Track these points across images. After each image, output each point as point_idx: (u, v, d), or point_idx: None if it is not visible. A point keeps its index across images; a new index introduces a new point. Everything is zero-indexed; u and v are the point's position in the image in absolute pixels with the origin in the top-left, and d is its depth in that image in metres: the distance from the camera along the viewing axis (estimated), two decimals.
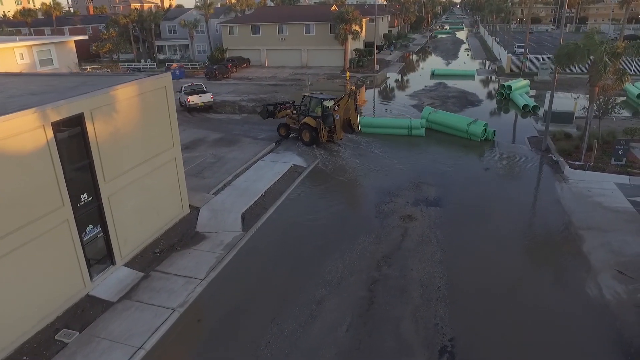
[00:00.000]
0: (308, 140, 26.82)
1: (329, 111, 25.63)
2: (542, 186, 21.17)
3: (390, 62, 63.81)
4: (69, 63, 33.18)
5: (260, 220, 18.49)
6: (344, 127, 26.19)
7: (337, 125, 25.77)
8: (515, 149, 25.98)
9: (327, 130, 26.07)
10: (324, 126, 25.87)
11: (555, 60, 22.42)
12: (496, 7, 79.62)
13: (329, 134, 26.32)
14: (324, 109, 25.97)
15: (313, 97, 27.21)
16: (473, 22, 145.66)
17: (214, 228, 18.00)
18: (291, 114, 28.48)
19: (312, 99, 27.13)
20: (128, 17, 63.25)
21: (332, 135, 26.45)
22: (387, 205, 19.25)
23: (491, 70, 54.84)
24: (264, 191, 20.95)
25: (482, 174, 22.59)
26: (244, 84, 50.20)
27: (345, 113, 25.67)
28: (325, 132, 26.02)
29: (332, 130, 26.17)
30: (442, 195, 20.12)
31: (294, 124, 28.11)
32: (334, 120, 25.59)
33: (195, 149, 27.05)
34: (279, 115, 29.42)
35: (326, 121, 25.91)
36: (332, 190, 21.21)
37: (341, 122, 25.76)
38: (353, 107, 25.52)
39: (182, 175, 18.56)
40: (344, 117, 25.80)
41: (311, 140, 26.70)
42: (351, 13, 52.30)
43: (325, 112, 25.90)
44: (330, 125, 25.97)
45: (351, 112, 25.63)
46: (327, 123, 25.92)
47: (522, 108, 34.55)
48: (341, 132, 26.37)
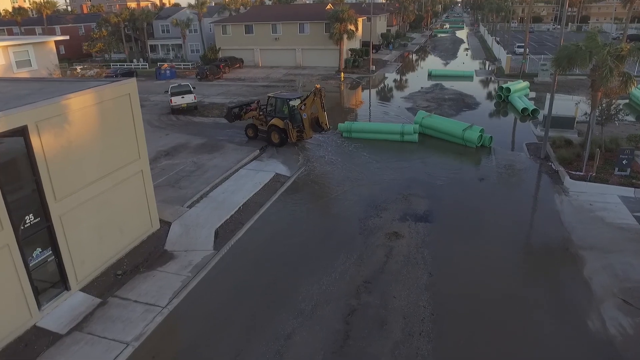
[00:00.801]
0: (277, 141, 26.44)
1: (295, 111, 25.44)
2: (540, 199, 19.76)
3: (388, 62, 62.35)
4: (49, 64, 31.81)
5: (234, 237, 17.11)
6: (313, 126, 25.73)
7: (306, 125, 25.52)
8: (512, 157, 24.56)
9: (296, 130, 25.78)
10: (293, 126, 25.71)
11: (555, 63, 20.99)
12: (496, 5, 78.05)
13: (298, 134, 25.99)
14: (290, 108, 25.73)
15: (278, 98, 26.78)
16: (473, 21, 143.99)
17: (184, 246, 16.62)
18: (257, 115, 27.95)
19: (278, 99, 26.71)
20: (119, 16, 61.84)
21: (301, 134, 26.13)
22: (373, 220, 17.85)
23: (490, 71, 53.37)
24: (242, 204, 19.57)
25: (476, 184, 21.18)
26: (235, 85, 48.82)
27: (313, 112, 25.33)
28: (294, 132, 25.81)
29: (301, 129, 25.90)
30: (433, 209, 18.71)
31: (261, 125, 27.63)
32: (302, 120, 25.40)
33: (175, 156, 25.70)
34: (246, 117, 28.81)
35: (294, 121, 25.78)
36: (315, 203, 19.82)
37: (309, 121, 25.40)
38: (320, 105, 24.94)
39: (151, 188, 17.21)
40: (312, 116, 25.43)
41: (281, 142, 26.37)
42: (346, 12, 50.85)
43: (292, 112, 25.73)
44: (299, 125, 25.77)
45: (319, 110, 25.13)
46: (295, 123, 25.79)
47: (521, 112, 33.11)
48: (310, 131, 25.93)
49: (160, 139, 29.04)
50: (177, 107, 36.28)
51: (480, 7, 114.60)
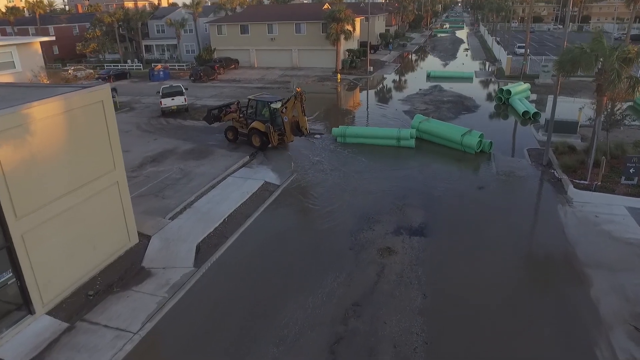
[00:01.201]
0: (258, 145, 25.98)
1: (277, 114, 25.02)
2: (543, 210, 18.68)
3: (386, 62, 61.29)
4: (34, 66, 30.74)
5: (217, 252, 16.05)
6: (293, 130, 25.25)
7: (286, 128, 25.05)
8: (513, 164, 23.48)
9: (277, 134, 25.34)
10: (274, 129, 25.18)
11: (558, 67, 19.92)
12: (496, 5, 76.96)
13: (279, 137, 25.58)
14: (271, 111, 25.26)
15: (259, 100, 26.27)
16: (473, 20, 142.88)
17: (163, 262, 15.56)
18: (238, 117, 27.31)
19: (259, 102, 26.23)
20: (113, 16, 60.78)
21: (282, 138, 25.73)
22: (365, 234, 16.79)
23: (490, 72, 52.29)
24: (228, 215, 18.51)
25: (475, 193, 20.11)
26: (229, 86, 47.76)
27: (295, 115, 24.80)
28: (275, 135, 25.31)
29: (282, 133, 25.49)
30: (429, 221, 17.64)
31: (241, 128, 27.06)
32: (283, 123, 24.94)
33: (162, 163, 24.64)
34: (225, 119, 28.21)
35: (275, 124, 25.29)
36: (304, 214, 18.76)
37: (290, 124, 24.92)
38: (300, 109, 24.45)
39: (128, 200, 16.14)
40: (293, 120, 24.88)
41: (262, 145, 25.89)
42: (343, 12, 49.80)
43: (274, 115, 25.28)
44: (280, 128, 25.31)
45: (299, 114, 24.62)
46: (276, 126, 25.30)
47: (522, 115, 32.04)
48: (291, 135, 25.51)
49: (148, 144, 28.00)
50: (167, 109, 35.31)
51: (480, 7, 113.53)
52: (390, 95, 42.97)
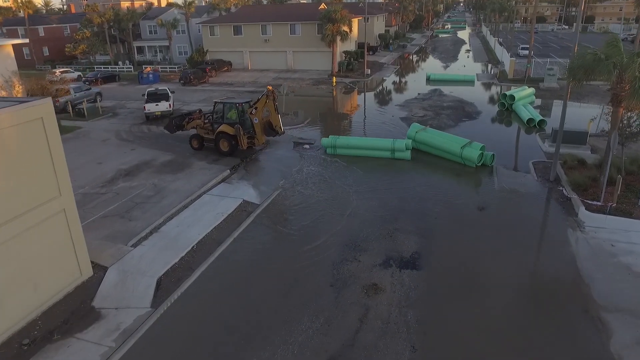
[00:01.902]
0: (227, 149, 24.82)
1: (246, 115, 24.36)
2: (551, 236, 16.61)
3: (384, 64, 59.26)
4: (4, 70, 28.81)
5: (179, 289, 14.04)
6: (266, 130, 24.83)
7: (257, 130, 24.40)
8: (517, 179, 21.43)
9: (246, 136, 24.37)
10: (243, 132, 24.14)
11: (569, 75, 17.87)
12: (499, 5, 74.81)
13: (249, 140, 24.68)
14: (240, 113, 24.53)
15: (226, 103, 25.28)
16: (475, 21, 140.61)
17: (116, 301, 13.57)
18: (202, 123, 25.98)
19: (225, 104, 25.16)
20: (103, 16, 58.85)
21: (252, 140, 24.91)
22: (349, 267, 14.77)
23: (493, 74, 50.17)
24: (197, 242, 16.52)
25: (475, 216, 18.06)
26: (220, 90, 45.76)
27: (265, 116, 24.47)
28: (244, 138, 24.26)
29: (252, 135, 24.71)
30: (422, 250, 15.61)
31: (207, 134, 25.77)
32: (253, 125, 24.26)
33: (135, 177, 22.67)
34: (189, 127, 26.64)
35: (245, 126, 24.37)
36: (282, 241, 16.72)
37: (261, 125, 24.38)
38: (273, 108, 24.07)
39: (78, 229, 14.18)
40: (265, 120, 24.52)
41: (230, 150, 24.72)
42: (339, 12, 47.76)
43: (243, 117, 24.49)
44: (250, 131, 24.56)
45: (272, 113, 24.26)
46: (245, 128, 24.40)
47: (527, 122, 29.98)
48: (262, 137, 24.89)
49: (125, 155, 26.03)
50: (150, 114, 33.41)
51: (482, 7, 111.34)
52: (388, 99, 40.92)
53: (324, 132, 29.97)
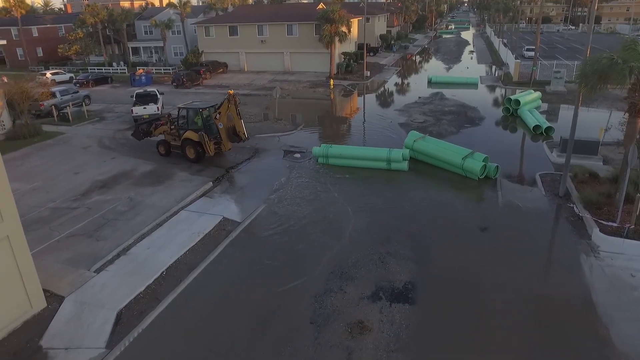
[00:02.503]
0: (194, 157, 23.90)
1: (211, 121, 23.56)
2: (561, 263, 14.84)
3: (385, 66, 57.54)
4: None
5: (140, 324, 12.41)
6: (230, 136, 23.99)
7: (223, 135, 23.70)
8: (523, 194, 19.69)
9: (213, 142, 23.50)
10: (209, 138, 23.27)
11: (581, 81, 16.15)
12: (503, 5, 72.93)
13: (216, 146, 23.80)
14: (204, 119, 23.58)
15: (190, 108, 24.19)
16: (480, 21, 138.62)
17: (68, 339, 11.94)
18: (169, 129, 24.96)
19: (190, 109, 24.12)
20: (96, 16, 57.36)
21: (219, 146, 24.06)
22: (333, 299, 13.09)
23: (497, 77, 48.36)
24: (167, 267, 14.89)
25: (477, 237, 16.34)
26: (213, 93, 44.15)
27: (229, 121, 23.58)
28: (211, 144, 23.41)
29: (218, 141, 23.89)
30: (417, 279, 13.92)
31: (174, 141, 24.82)
32: (218, 130, 23.50)
33: (112, 189, 21.10)
34: (156, 133, 25.56)
35: (210, 132, 23.57)
36: (260, 267, 15.03)
37: (226, 131, 23.65)
38: (235, 112, 23.07)
39: (27, 257, 12.56)
40: (228, 125, 23.61)
41: (197, 157, 23.83)
42: (337, 12, 46.05)
43: (207, 123, 23.62)
44: (216, 136, 23.72)
45: (235, 118, 23.27)
46: (211, 134, 23.58)
47: (533, 129, 28.22)
48: (228, 142, 24.17)
49: (103, 164, 24.46)
50: (137, 118, 31.89)
51: (486, 7, 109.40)
52: (386, 103, 39.19)
53: (317, 139, 28.30)
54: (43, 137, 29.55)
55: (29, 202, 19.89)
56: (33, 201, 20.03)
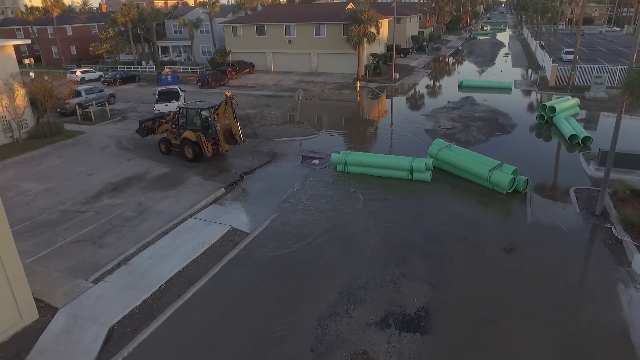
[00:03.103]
0: (192, 156, 24.04)
1: (210, 122, 23.68)
2: (594, 292, 13.31)
3: (415, 68, 55.91)
4: (7, 71, 27.53)
5: (130, 343, 11.69)
6: (227, 138, 23.73)
7: (220, 137, 23.69)
8: (555, 211, 18.11)
9: (211, 143, 23.69)
10: (206, 139, 23.49)
11: (625, 89, 14.55)
12: (542, 6, 69.91)
13: (214, 147, 23.97)
14: (203, 120, 23.67)
15: (190, 108, 24.34)
16: (517, 22, 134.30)
17: (55, 356, 11.33)
18: (171, 128, 25.19)
19: (189, 110, 24.27)
20: (127, 16, 57.97)
21: (217, 147, 24.19)
22: (338, 325, 12.04)
23: (532, 81, 46.10)
24: (167, 280, 14.17)
25: (501, 260, 14.96)
26: (236, 93, 43.15)
27: (226, 123, 23.30)
28: (209, 145, 23.60)
29: (216, 142, 24.04)
30: (431, 305, 12.71)
31: (175, 140, 25.00)
32: (216, 131, 23.58)
33: (122, 192, 20.65)
34: (159, 131, 26.11)
35: (208, 133, 23.75)
36: (264, 283, 14.11)
37: (223, 132, 23.52)
38: (232, 115, 22.85)
39: (17, 268, 12.02)
40: (226, 127, 23.35)
41: (195, 156, 23.96)
42: (365, 12, 44.83)
43: (205, 123, 23.74)
44: (214, 137, 23.85)
45: (231, 121, 23.03)
46: (209, 135, 23.77)
47: (569, 139, 26.35)
48: (225, 144, 24.10)
49: (118, 166, 24.11)
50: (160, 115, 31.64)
51: (524, 8, 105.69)
52: (413, 108, 37.76)
53: (340, 143, 27.24)
54: (64, 136, 29.58)
55: (39, 204, 19.63)
56: (44, 203, 19.75)
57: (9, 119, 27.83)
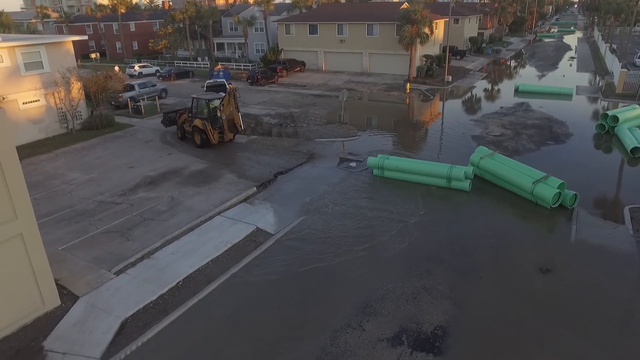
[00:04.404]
0: (199, 143, 26.26)
1: (215, 112, 25.51)
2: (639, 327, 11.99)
3: (470, 71, 53.82)
4: (65, 66, 29.04)
5: (140, 338, 11.79)
6: (230, 127, 25.88)
7: (225, 126, 25.73)
8: (604, 231, 16.59)
9: (217, 132, 25.84)
10: (212, 127, 25.66)
11: None
12: (616, 6, 65.13)
13: (220, 135, 26.09)
14: (210, 109, 25.70)
15: (200, 99, 26.47)
16: (588, 24, 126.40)
17: (68, 344, 11.62)
18: (187, 117, 27.40)
19: (199, 100, 26.42)
20: (185, 13, 59.83)
21: (222, 136, 26.26)
22: (348, 337, 11.54)
23: (597, 88, 43.00)
24: (185, 277, 14.24)
25: (536, 280, 13.83)
26: (285, 92, 43.88)
27: (230, 113, 25.36)
28: (215, 133, 25.78)
29: (222, 131, 26.02)
30: (450, 324, 11.91)
31: (188, 127, 27.14)
32: (222, 121, 25.55)
33: (158, 186, 21.12)
34: (180, 121, 28.09)
35: (214, 122, 25.77)
36: (280, 287, 13.82)
37: (227, 122, 25.56)
38: (235, 106, 25.10)
39: (41, 256, 12.45)
40: (229, 117, 25.42)
41: (202, 143, 26.16)
42: (419, 12, 43.57)
43: (213, 113, 25.68)
44: (220, 126, 25.84)
45: (233, 111, 25.23)
46: (215, 124, 25.80)
47: (630, 152, 24.22)
48: (229, 133, 26.28)
49: (158, 160, 24.74)
50: None
51: (596, 8, 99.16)
52: (463, 112, 36.20)
53: (379, 147, 26.52)
54: (113, 128, 30.80)
55: (80, 194, 20.44)
56: (84, 193, 20.55)
57: (65, 110, 29.31)
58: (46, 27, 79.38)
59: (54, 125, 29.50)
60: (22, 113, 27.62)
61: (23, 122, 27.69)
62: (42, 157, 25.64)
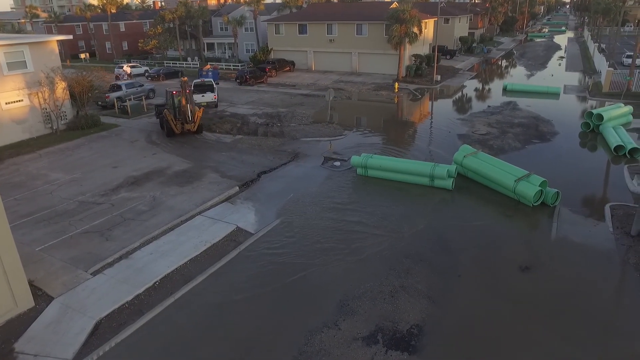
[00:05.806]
0: (166, 132, 28.40)
1: (179, 103, 27.27)
2: (623, 324, 11.92)
3: (459, 70, 53.94)
4: (50, 66, 28.77)
5: (114, 338, 11.64)
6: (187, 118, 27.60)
7: (185, 117, 27.51)
8: (585, 228, 16.62)
9: (180, 122, 27.55)
10: (174, 117, 27.42)
11: None
12: (604, 6, 65.55)
13: (181, 126, 27.71)
14: (174, 101, 27.60)
15: (168, 91, 28.67)
16: (579, 24, 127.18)
17: (40, 346, 11.46)
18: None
19: (167, 92, 28.75)
20: (174, 13, 59.54)
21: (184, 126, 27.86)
22: (324, 335, 11.46)
23: (584, 87, 43.23)
24: (163, 276, 14.10)
25: (515, 279, 13.82)
26: (273, 91, 43.76)
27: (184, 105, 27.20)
28: (178, 123, 27.52)
29: (186, 121, 27.66)
30: (426, 323, 11.85)
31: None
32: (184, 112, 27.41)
33: (141, 186, 20.94)
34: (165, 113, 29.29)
35: (177, 113, 27.59)
36: (258, 287, 13.70)
37: (187, 113, 27.35)
38: (184, 97, 26.83)
39: (13, 256, 12.26)
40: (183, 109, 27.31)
41: (168, 132, 28.15)
42: (407, 12, 43.60)
43: (177, 104, 27.46)
44: (185, 117, 27.53)
45: (182, 102, 27.05)
46: (178, 115, 27.59)
47: (614, 150, 24.32)
48: (187, 124, 27.76)
49: (142, 160, 24.55)
50: (197, 105, 32.22)
51: (586, 9, 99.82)
52: (450, 112, 36.22)
53: (364, 146, 26.46)
54: (99, 128, 30.55)
55: (61, 194, 20.23)
56: (66, 193, 20.34)
57: (49, 110, 29.04)
58: (35, 27, 78.73)
59: (38, 126, 29.23)
60: (4, 113, 27.35)
61: (6, 123, 27.41)
62: (26, 157, 25.39)
